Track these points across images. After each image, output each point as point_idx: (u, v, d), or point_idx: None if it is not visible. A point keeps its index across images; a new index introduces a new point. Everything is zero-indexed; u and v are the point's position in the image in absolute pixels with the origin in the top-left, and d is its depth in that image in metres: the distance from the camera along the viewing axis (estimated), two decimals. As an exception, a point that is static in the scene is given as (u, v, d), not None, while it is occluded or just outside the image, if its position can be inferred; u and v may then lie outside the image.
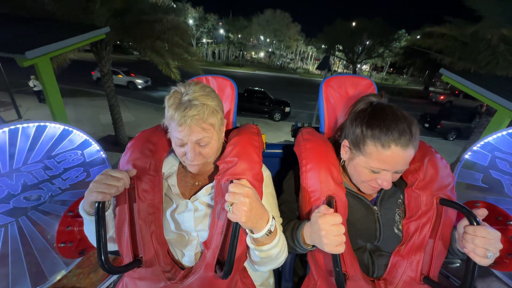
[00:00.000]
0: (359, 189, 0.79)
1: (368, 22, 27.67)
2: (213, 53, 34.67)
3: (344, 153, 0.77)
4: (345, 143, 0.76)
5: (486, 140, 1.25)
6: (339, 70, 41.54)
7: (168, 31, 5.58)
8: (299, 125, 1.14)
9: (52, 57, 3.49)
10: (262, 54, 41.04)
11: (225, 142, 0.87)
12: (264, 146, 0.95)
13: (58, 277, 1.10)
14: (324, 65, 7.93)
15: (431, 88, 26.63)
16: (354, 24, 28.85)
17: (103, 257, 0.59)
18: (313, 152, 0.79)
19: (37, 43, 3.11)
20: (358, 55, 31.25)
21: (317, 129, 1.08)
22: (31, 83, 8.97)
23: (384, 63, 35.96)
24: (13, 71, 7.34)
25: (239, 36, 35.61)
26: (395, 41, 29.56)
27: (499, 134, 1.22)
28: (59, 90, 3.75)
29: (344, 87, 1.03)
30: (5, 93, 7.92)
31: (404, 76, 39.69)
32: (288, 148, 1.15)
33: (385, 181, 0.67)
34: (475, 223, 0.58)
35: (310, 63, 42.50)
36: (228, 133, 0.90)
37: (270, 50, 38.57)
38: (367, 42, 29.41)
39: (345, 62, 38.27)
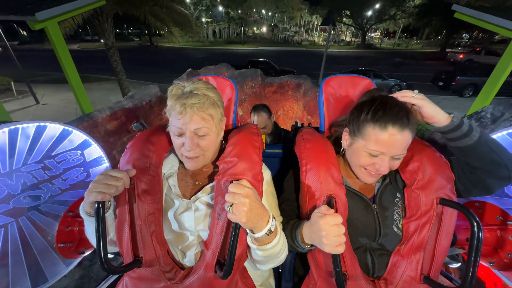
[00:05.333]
0: (360, 180, 0.80)
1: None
2: (214, 32, 33.15)
3: (345, 140, 0.80)
4: (346, 130, 0.79)
5: (486, 140, 1.25)
6: (347, 39, 37.74)
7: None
8: (299, 125, 1.14)
9: (59, 21, 3.85)
10: (264, 29, 39.14)
11: (225, 142, 0.87)
12: (264, 146, 0.95)
13: (58, 277, 1.10)
14: (329, 20, 7.36)
15: (448, 49, 24.15)
16: (362, -16, 25.52)
17: (103, 257, 0.59)
18: (313, 152, 0.80)
19: (45, 7, 3.49)
20: (368, 20, 28.26)
21: (317, 129, 1.08)
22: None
23: (396, 27, 32.08)
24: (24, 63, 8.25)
25: (239, 11, 33.77)
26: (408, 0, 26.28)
27: (499, 134, 1.21)
28: (69, 53, 4.10)
29: (344, 87, 1.03)
30: (20, 84, 8.79)
31: (419, 39, 36.30)
32: (288, 148, 1.15)
33: (383, 166, 0.69)
34: (475, 223, 0.58)
35: (315, 34, 38.98)
36: (228, 133, 0.90)
37: (272, 23, 36.55)
38: (377, 5, 26.55)
39: (353, 29, 35.34)
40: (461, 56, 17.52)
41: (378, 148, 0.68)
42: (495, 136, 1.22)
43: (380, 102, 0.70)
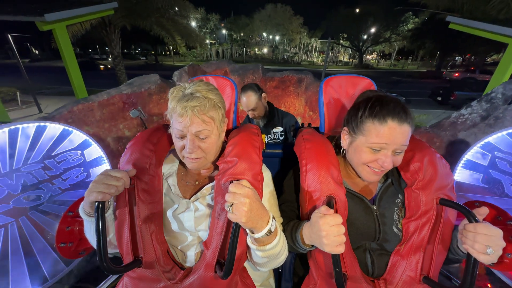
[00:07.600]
0: (362, 180, 0.80)
1: (372, 6, 26.42)
2: (217, 52, 34.87)
3: (344, 140, 0.79)
4: (344, 130, 0.79)
5: (486, 140, 1.25)
6: (345, 60, 39.98)
7: (169, 10, 6.52)
8: (299, 125, 1.14)
9: (67, 25, 4.04)
10: (265, 50, 40.89)
11: (225, 142, 0.87)
12: (264, 146, 0.95)
13: (58, 277, 1.11)
14: (328, 34, 7.92)
15: (443, 69, 24.76)
16: (357, 10, 27.83)
17: (103, 257, 0.59)
18: (313, 152, 0.80)
19: (54, 10, 3.69)
20: (364, 42, 29.99)
21: (317, 129, 1.08)
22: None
23: (392, 49, 34.63)
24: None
25: (242, 34, 35.71)
26: (402, 24, 28.34)
27: (499, 134, 1.22)
28: (75, 56, 4.27)
29: (344, 87, 1.03)
30: (27, 95, 9.07)
31: (414, 60, 38.68)
32: (288, 148, 1.15)
33: (386, 162, 0.68)
34: (474, 222, 0.58)
35: (314, 55, 40.99)
36: (228, 133, 0.90)
37: (273, 45, 38.25)
38: (373, 29, 28.26)
39: (350, 51, 37.22)
40: (456, 74, 18.10)
41: (380, 141, 0.68)
42: (495, 136, 1.23)
43: (375, 99, 0.72)
